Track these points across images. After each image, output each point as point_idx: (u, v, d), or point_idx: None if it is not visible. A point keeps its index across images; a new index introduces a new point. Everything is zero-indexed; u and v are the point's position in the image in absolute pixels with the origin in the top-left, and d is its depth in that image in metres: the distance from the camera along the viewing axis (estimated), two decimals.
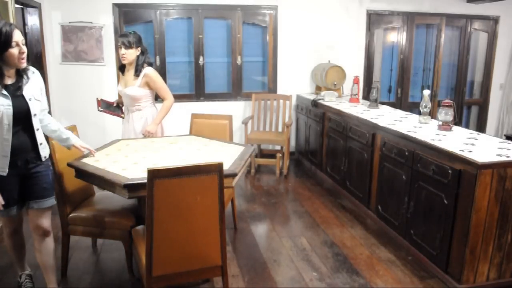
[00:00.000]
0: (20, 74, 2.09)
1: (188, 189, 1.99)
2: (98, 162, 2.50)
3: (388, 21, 5.55)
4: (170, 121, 4.95)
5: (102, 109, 3.47)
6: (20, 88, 2.08)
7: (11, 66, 2.01)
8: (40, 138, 2.19)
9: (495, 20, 5.86)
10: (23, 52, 2.00)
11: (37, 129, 2.17)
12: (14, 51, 1.96)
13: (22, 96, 2.08)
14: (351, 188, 3.93)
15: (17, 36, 1.97)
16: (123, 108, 3.46)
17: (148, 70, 3.22)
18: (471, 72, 6.11)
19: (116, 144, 3.01)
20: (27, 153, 2.15)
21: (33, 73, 2.18)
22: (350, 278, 2.71)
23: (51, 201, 2.29)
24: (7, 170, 2.08)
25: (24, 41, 2.02)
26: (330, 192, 4.30)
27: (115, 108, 3.52)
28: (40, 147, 2.19)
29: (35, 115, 2.13)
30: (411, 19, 5.56)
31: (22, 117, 2.08)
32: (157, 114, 3.34)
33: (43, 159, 2.23)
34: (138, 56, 3.20)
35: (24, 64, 2.03)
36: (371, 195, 3.55)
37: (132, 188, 2.16)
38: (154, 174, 1.90)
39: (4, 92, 2.01)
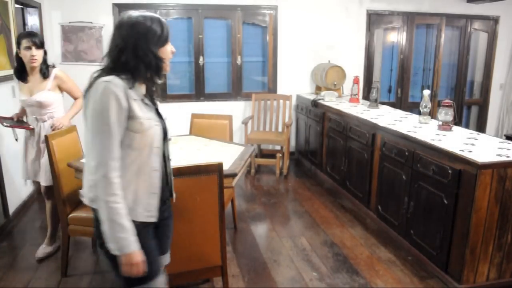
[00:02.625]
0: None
1: (188, 189, 1.99)
2: None
3: (388, 21, 5.54)
4: (170, 121, 4.97)
5: (8, 125, 2.97)
6: (154, 101, 1.55)
7: None
8: (170, 170, 1.64)
9: (495, 20, 5.86)
10: (173, 52, 1.53)
11: (170, 159, 1.62)
12: (168, 48, 1.50)
13: (158, 113, 1.55)
14: (351, 188, 3.93)
15: None
16: (29, 120, 2.94)
17: (57, 71, 2.92)
18: (471, 72, 6.11)
19: None
20: (164, 191, 1.58)
21: None
22: (350, 278, 2.71)
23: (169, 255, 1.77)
24: (157, 213, 1.51)
25: None
26: (330, 192, 4.30)
27: (20, 121, 3.00)
28: (172, 183, 1.66)
29: (170, 139, 1.62)
30: (411, 19, 5.56)
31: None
32: (70, 109, 2.99)
33: (174, 200, 1.71)
34: (44, 58, 2.86)
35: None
36: (371, 195, 3.55)
37: None
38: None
39: (148, 102, 1.49)
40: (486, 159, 2.37)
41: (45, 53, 2.88)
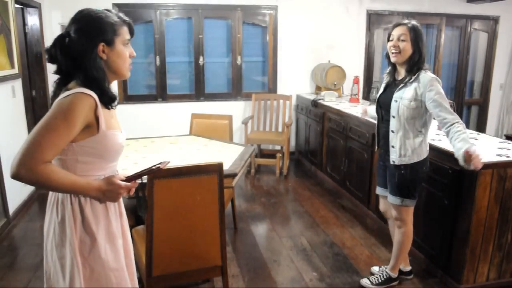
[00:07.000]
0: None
1: (188, 189, 1.99)
2: None
3: (388, 21, 5.54)
4: (170, 121, 4.97)
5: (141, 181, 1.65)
6: None
7: None
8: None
9: (495, 20, 5.86)
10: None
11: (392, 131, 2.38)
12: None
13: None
14: (351, 188, 3.93)
15: None
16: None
17: None
18: (471, 72, 6.11)
19: None
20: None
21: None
22: (350, 278, 2.71)
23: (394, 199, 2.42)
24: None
25: None
26: (330, 192, 4.30)
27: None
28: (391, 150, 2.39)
29: (393, 117, 2.37)
30: (411, 19, 5.55)
31: None
32: None
33: (391, 162, 2.39)
34: None
35: None
36: (371, 195, 3.55)
37: None
38: (154, 174, 1.90)
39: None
40: (486, 159, 2.37)
41: None
